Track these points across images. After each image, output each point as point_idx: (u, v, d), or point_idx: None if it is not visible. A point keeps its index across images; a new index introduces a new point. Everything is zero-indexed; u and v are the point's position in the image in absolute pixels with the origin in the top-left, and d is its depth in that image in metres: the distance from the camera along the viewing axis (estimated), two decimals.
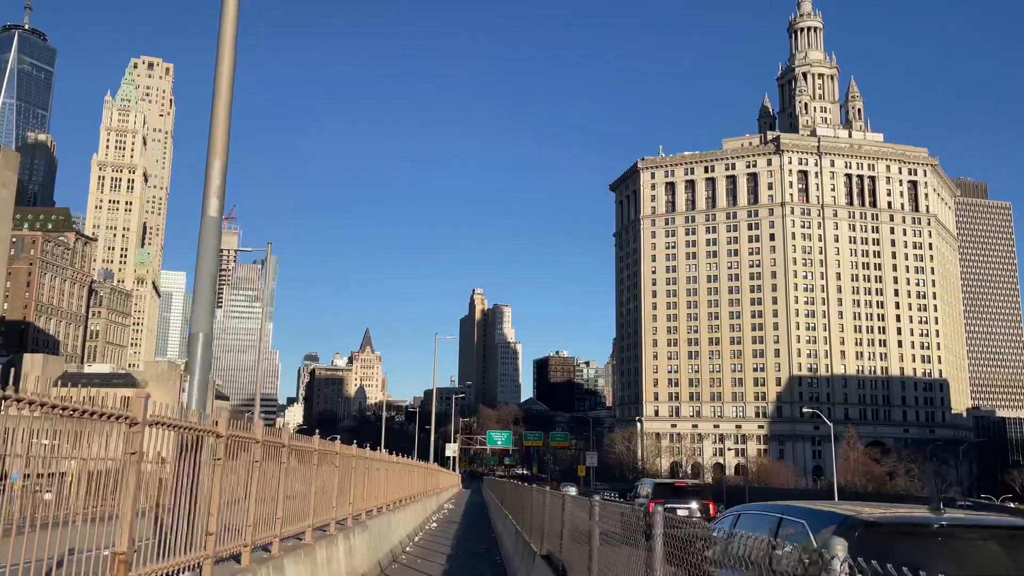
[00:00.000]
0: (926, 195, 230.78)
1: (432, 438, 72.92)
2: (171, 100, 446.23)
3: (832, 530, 6.89)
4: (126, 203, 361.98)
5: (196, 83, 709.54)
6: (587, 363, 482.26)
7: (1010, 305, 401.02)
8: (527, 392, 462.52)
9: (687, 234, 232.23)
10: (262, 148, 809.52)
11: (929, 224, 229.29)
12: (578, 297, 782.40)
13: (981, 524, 7.50)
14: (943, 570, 5.47)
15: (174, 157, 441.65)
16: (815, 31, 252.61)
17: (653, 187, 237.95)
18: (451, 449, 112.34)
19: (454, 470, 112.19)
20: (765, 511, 8.98)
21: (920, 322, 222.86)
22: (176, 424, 8.11)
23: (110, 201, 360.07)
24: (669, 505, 21.37)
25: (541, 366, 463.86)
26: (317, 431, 17.37)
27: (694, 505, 32.43)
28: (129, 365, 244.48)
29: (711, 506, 34.15)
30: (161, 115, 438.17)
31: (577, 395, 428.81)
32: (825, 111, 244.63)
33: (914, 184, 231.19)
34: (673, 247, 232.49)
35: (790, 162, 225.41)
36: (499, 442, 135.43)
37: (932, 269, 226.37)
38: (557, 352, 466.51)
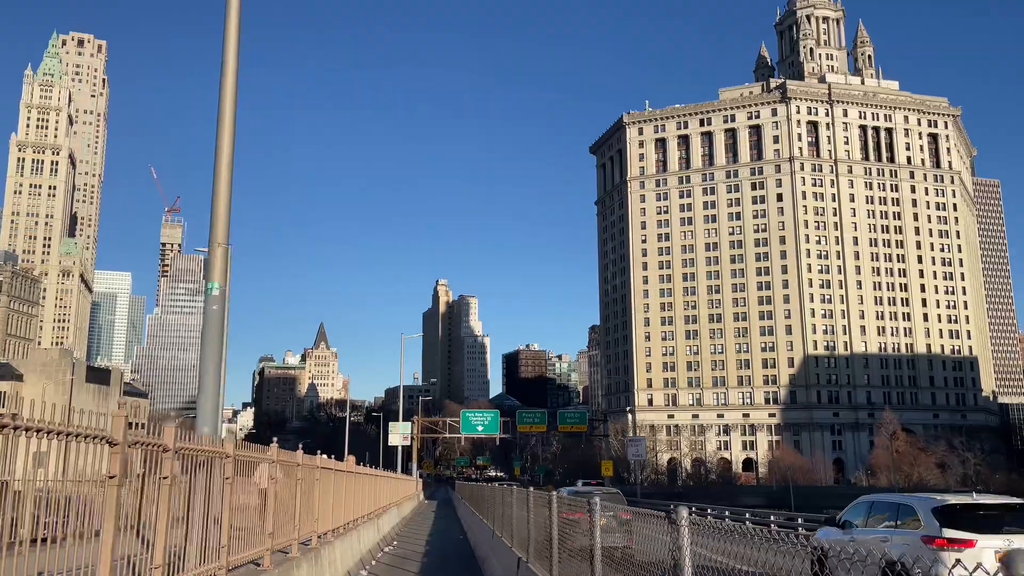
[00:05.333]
0: (948, 150, 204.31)
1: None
2: (104, 80, 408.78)
3: None
4: (49, 187, 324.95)
5: (134, 65, 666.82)
6: (559, 357, 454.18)
7: (1002, 286, 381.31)
8: (496, 388, 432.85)
9: (681, 196, 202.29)
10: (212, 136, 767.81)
11: (952, 183, 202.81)
12: (549, 286, 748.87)
13: None
14: None
15: (108, 142, 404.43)
16: None
17: (641, 144, 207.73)
18: (397, 431, 72.39)
19: (410, 474, 77.67)
20: None
21: (947, 292, 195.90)
22: None
23: (31, 185, 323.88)
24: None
25: (511, 360, 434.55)
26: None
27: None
28: None
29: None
30: (93, 95, 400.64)
31: (550, 390, 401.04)
32: (832, 59, 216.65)
33: (934, 137, 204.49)
34: (666, 212, 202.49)
35: (798, 111, 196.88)
36: (480, 427, 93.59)
37: (958, 233, 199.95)
38: (528, 345, 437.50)
